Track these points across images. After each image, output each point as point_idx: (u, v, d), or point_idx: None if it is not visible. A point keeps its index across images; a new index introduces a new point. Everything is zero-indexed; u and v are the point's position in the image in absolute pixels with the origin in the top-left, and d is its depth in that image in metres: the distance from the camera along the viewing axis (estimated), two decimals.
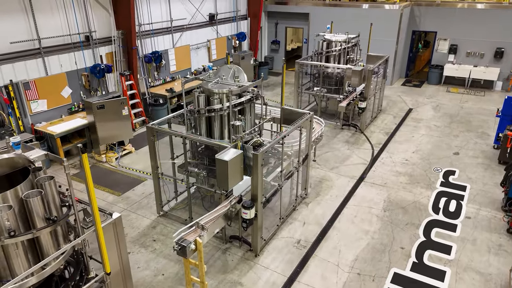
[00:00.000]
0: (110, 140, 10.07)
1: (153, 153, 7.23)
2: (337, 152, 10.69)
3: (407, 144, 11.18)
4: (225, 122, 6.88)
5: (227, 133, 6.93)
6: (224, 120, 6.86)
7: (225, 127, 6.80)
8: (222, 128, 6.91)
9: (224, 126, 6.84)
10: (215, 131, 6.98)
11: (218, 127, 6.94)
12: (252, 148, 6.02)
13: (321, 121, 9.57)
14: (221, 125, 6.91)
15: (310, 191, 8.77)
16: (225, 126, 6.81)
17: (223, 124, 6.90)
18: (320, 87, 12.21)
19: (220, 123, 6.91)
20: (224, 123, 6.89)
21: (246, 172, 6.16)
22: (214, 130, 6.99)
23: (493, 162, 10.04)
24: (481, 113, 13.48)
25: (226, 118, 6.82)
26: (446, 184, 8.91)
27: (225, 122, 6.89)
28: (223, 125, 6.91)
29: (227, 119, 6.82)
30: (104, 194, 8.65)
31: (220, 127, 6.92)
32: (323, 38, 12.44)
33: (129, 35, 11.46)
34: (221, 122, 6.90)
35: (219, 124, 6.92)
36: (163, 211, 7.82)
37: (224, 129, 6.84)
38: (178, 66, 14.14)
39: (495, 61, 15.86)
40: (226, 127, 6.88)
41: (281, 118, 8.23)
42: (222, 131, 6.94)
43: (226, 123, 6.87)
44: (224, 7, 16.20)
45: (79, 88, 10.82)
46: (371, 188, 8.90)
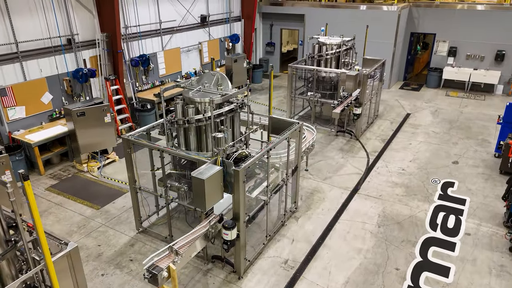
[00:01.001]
0: (92, 148, 9.58)
1: (130, 166, 6.75)
2: (331, 160, 10.20)
3: (404, 152, 10.69)
4: (208, 133, 6.41)
5: (209, 145, 6.46)
6: (207, 131, 6.38)
7: (208, 138, 6.32)
8: (205, 139, 6.43)
9: (207, 137, 6.36)
10: (197, 143, 6.50)
11: (200, 139, 6.46)
12: (233, 164, 5.53)
13: (313, 130, 9.09)
14: (203, 137, 6.43)
15: (300, 204, 8.29)
16: (208, 137, 6.33)
17: (206, 136, 6.43)
18: (314, 92, 11.73)
19: (202, 135, 6.44)
20: (207, 134, 6.41)
21: (227, 189, 5.68)
22: (195, 142, 6.52)
23: (494, 172, 9.56)
24: (481, 119, 13.00)
25: (209, 129, 6.34)
26: (444, 197, 8.42)
27: (207, 133, 6.41)
28: (205, 136, 6.43)
29: (210, 130, 6.34)
30: (83, 207, 8.15)
31: (202, 139, 6.45)
32: (317, 41, 11.96)
33: (114, 37, 10.97)
34: (203, 133, 6.42)
35: (201, 136, 6.44)
36: (143, 227, 7.33)
37: (207, 141, 6.36)
38: (167, 70, 13.65)
39: (495, 64, 15.38)
40: (209, 139, 6.40)
41: (269, 128, 7.75)
42: (204, 143, 6.46)
43: (209, 135, 6.39)
44: (217, 8, 15.71)
45: (61, 93, 10.33)
46: (365, 201, 8.41)
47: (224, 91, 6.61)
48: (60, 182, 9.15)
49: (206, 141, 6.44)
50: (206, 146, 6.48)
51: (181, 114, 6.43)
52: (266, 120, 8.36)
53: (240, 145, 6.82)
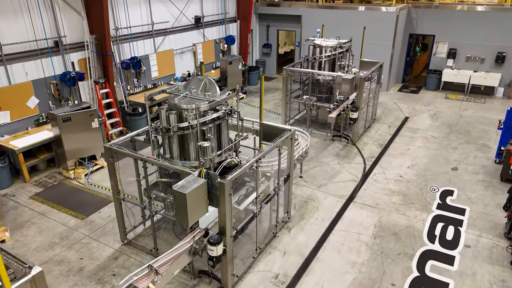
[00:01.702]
0: (79, 154, 9.27)
1: (113, 176, 6.43)
2: (326, 167, 9.89)
3: (402, 157, 10.38)
4: (195, 141, 6.10)
5: (196, 154, 6.15)
6: (193, 140, 6.07)
7: (194, 147, 6.01)
8: (191, 148, 6.12)
9: (193, 146, 6.05)
10: (183, 152, 6.20)
11: (186, 148, 6.16)
12: (218, 176, 5.22)
13: (307, 135, 8.77)
14: (190, 145, 6.12)
15: (294, 213, 7.97)
16: (194, 146, 6.02)
17: (193, 144, 6.12)
18: (309, 96, 11.42)
19: (188, 143, 6.13)
20: (194, 142, 6.10)
21: (212, 202, 5.37)
22: (181, 151, 6.21)
23: (494, 179, 9.24)
24: (481, 122, 12.68)
25: (195, 137, 6.03)
26: (443, 207, 8.10)
27: (194, 141, 6.10)
28: (192, 145, 6.12)
29: (196, 138, 6.03)
30: (67, 217, 7.84)
31: (188, 148, 6.14)
32: (313, 43, 11.64)
33: (103, 40, 10.66)
34: (190, 141, 6.11)
35: (188, 144, 6.13)
36: (127, 239, 7.01)
37: (193, 149, 6.05)
38: (160, 72, 13.33)
39: (496, 66, 15.06)
40: (195, 148, 6.09)
41: (261, 135, 7.43)
42: (191, 152, 6.15)
43: (195, 143, 6.08)
44: (212, 9, 15.39)
45: (48, 97, 10.01)
46: (361, 210, 8.10)
47: (212, 97, 6.31)
48: (45, 189, 8.83)
49: (193, 150, 6.13)
50: (192, 155, 6.17)
51: (166, 122, 6.14)
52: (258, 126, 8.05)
53: (229, 153, 6.51)
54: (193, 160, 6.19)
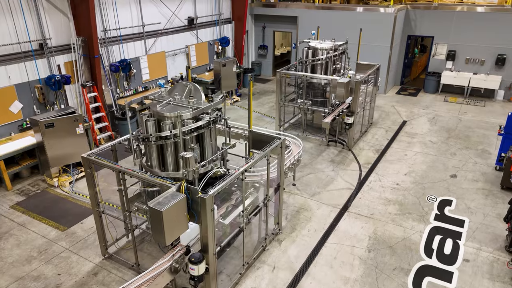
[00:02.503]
0: (63, 161, 8.92)
1: (92, 188, 6.09)
2: (321, 174, 9.54)
3: (399, 164, 10.03)
4: (176, 151, 5.76)
5: (178, 165, 5.81)
6: (179, 149, 5.73)
7: (172, 158, 5.68)
8: (171, 159, 5.78)
9: (176, 156, 5.72)
10: (167, 162, 5.86)
11: (169, 158, 5.82)
12: (198, 191, 4.87)
13: (299, 142, 8.42)
14: (173, 155, 5.79)
15: (285, 224, 7.63)
16: (173, 156, 5.69)
17: (175, 154, 5.78)
18: (304, 99, 11.07)
19: (171, 153, 5.79)
20: (178, 152, 5.76)
21: (193, 218, 5.02)
22: (165, 161, 5.87)
23: (494, 186, 8.90)
24: (481, 127, 12.34)
25: (178, 147, 5.69)
26: (441, 218, 7.75)
27: (175, 151, 5.77)
28: (174, 155, 5.78)
29: (179, 148, 5.70)
30: (47, 228, 7.49)
31: (171, 158, 5.80)
32: (308, 45, 11.30)
33: (90, 42, 10.31)
34: (172, 151, 5.78)
35: (171, 154, 5.79)
36: (109, 253, 6.66)
37: (172, 160, 5.71)
38: (152, 75, 12.99)
39: (496, 69, 14.73)
40: (178, 158, 5.75)
41: (249, 143, 7.09)
42: (175, 162, 5.81)
43: (179, 152, 5.74)
44: (205, 10, 15.05)
45: (32, 102, 9.67)
46: (356, 221, 7.75)
47: (197, 104, 5.97)
48: (27, 198, 8.48)
49: (174, 160, 5.79)
50: (175, 166, 5.83)
51: (148, 130, 5.80)
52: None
53: (215, 163, 6.17)
54: (177, 171, 5.86)
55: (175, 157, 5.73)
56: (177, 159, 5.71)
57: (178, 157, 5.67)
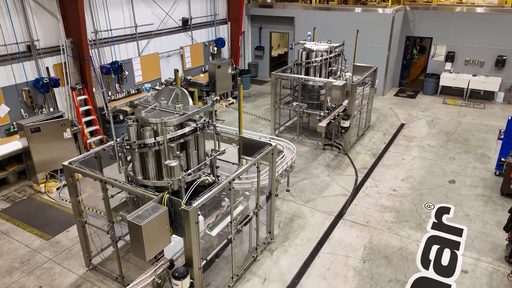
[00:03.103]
0: (50, 167, 8.67)
1: (74, 197, 5.84)
2: (316, 179, 9.29)
3: (396, 169, 9.78)
4: (164, 159, 5.51)
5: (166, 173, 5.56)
6: (164, 157, 5.48)
7: (154, 166, 5.43)
8: (160, 167, 5.54)
9: (154, 164, 5.48)
10: (151, 171, 5.60)
11: (155, 166, 5.57)
12: (181, 203, 4.62)
13: (293, 147, 8.17)
14: (158, 163, 5.54)
15: (278, 232, 7.38)
16: (154, 165, 5.45)
17: (162, 162, 5.53)
18: (299, 102, 10.82)
19: (157, 161, 5.55)
20: (163, 160, 5.51)
21: (176, 231, 4.78)
22: (150, 170, 5.62)
23: (494, 193, 8.65)
24: (480, 130, 12.09)
25: (166, 154, 5.44)
26: (439, 227, 7.50)
27: (164, 159, 5.51)
28: (161, 162, 5.54)
29: (167, 155, 5.45)
30: (31, 237, 7.24)
31: (155, 166, 5.55)
32: (303, 47, 11.05)
33: (80, 43, 10.06)
34: (159, 159, 5.53)
35: (157, 162, 5.55)
36: (93, 264, 6.41)
37: (154, 168, 5.47)
38: (145, 77, 12.74)
39: (496, 70, 14.47)
40: (162, 166, 5.51)
41: (240, 149, 6.84)
42: (160, 171, 5.56)
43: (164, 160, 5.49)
44: (200, 10, 14.80)
45: (20, 105, 9.42)
46: (351, 229, 7.50)
47: (184, 109, 5.72)
48: (13, 205, 8.23)
49: (161, 169, 5.54)
50: (162, 174, 5.57)
51: (132, 137, 5.56)
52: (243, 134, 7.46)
53: (203, 171, 5.92)
54: (163, 180, 5.61)
55: (161, 165, 5.48)
56: (162, 167, 5.47)
57: (163, 166, 5.42)
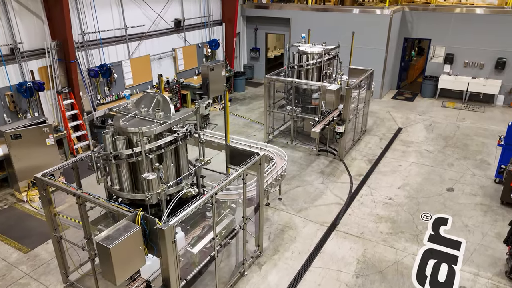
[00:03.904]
0: (32, 175, 8.14)
1: (48, 210, 5.51)
2: (309, 187, 8.97)
3: (392, 176, 9.46)
4: (142, 171, 5.18)
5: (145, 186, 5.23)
6: (142, 169, 5.16)
7: (128, 179, 5.12)
8: (139, 179, 5.21)
9: (128, 177, 5.16)
10: (130, 183, 5.28)
11: (134, 178, 5.25)
12: (156, 221, 4.29)
13: (284, 155, 7.84)
14: (137, 175, 5.22)
15: (267, 245, 7.05)
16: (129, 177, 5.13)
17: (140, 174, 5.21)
18: (293, 107, 10.50)
19: (136, 173, 5.22)
20: (142, 172, 5.19)
21: (152, 251, 4.45)
22: (129, 182, 5.29)
23: (494, 201, 8.32)
24: (480, 134, 11.76)
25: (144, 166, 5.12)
26: (436, 239, 7.16)
27: (142, 171, 5.19)
28: (139, 174, 5.21)
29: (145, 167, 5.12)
30: (9, 250, 6.91)
31: (136, 178, 5.23)
32: (297, 50, 10.72)
33: (66, 46, 9.73)
34: (137, 171, 5.21)
35: (135, 174, 5.22)
36: (70, 281, 6.08)
37: (129, 181, 5.16)
38: (135, 80, 12.41)
39: (496, 73, 14.15)
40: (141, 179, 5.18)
41: (227, 158, 6.52)
42: (139, 184, 5.24)
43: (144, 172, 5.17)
44: (194, 11, 14.47)
45: (2, 110, 9.09)
46: (344, 241, 7.17)
47: (165, 117, 5.39)
48: None
49: (138, 181, 5.22)
50: (141, 187, 5.25)
51: (109, 147, 5.23)
52: (233, 142, 7.17)
53: (185, 183, 5.59)
54: (143, 193, 5.28)
55: (138, 177, 5.15)
56: (142, 179, 5.14)
57: (141, 179, 5.09)
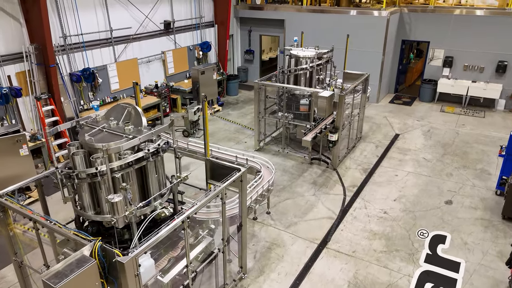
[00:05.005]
0: (4, 187, 7.83)
1: (7, 233, 5.04)
2: (300, 199, 8.49)
3: (388, 187, 8.98)
4: (110, 191, 4.71)
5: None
6: (110, 188, 4.68)
7: (91, 199, 4.66)
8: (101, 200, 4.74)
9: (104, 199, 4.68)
10: (96, 204, 4.81)
11: (97, 199, 4.78)
12: (115, 254, 3.81)
13: (271, 166, 7.36)
14: (103, 195, 4.74)
15: (252, 265, 6.57)
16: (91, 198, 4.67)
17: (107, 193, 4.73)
18: (284, 113, 10.02)
19: (99, 193, 4.75)
20: (110, 191, 4.71)
21: (113, 286, 3.97)
22: (94, 202, 4.82)
23: (495, 216, 7.85)
24: (480, 141, 11.28)
25: (111, 186, 4.64)
26: (433, 259, 6.68)
27: (109, 191, 4.71)
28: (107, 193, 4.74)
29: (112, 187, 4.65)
30: None
31: (99, 199, 4.76)
32: (289, 54, 10.24)
33: (45, 49, 9.25)
34: (105, 190, 4.73)
35: (98, 194, 4.75)
36: None
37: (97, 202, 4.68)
38: (122, 84, 11.93)
39: (497, 76, 13.67)
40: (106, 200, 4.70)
41: (207, 173, 6.05)
42: (103, 205, 4.77)
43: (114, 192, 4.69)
44: (184, 13, 13.99)
45: None
46: (335, 260, 6.69)
47: (135, 131, 4.92)
48: None
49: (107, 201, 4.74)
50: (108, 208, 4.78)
51: (78, 165, 4.76)
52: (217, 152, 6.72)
53: (159, 203, 5.10)
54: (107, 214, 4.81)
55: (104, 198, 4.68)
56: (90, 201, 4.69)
57: (104, 200, 4.62)
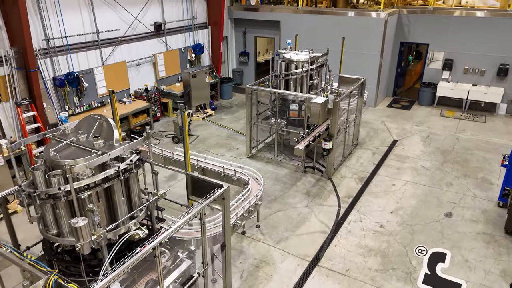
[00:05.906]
0: None
1: None
2: (292, 211, 8.06)
3: (385, 197, 8.55)
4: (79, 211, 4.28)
5: None
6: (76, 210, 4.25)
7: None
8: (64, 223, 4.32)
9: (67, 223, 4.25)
10: (62, 226, 4.39)
11: (65, 221, 4.35)
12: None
13: (260, 178, 6.92)
14: (68, 218, 4.32)
15: (239, 285, 6.15)
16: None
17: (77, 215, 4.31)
18: (276, 120, 9.59)
19: (69, 213, 4.33)
20: (76, 213, 4.28)
21: None
22: (60, 224, 4.40)
23: (497, 230, 7.42)
24: (481, 148, 10.85)
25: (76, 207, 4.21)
26: (432, 280, 6.25)
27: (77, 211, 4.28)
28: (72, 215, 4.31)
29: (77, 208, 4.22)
30: None
31: (66, 221, 4.33)
32: (282, 57, 9.81)
33: (25, 53, 8.83)
34: (69, 212, 4.31)
35: (67, 216, 4.33)
36: None
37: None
38: (110, 88, 11.46)
39: (498, 80, 13.24)
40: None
41: (188, 189, 5.62)
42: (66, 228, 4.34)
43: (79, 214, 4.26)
44: (176, 14, 13.56)
45: None
46: (327, 280, 6.27)
47: (105, 146, 4.49)
48: None
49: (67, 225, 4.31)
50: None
51: (40, 184, 4.33)
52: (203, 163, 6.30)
53: (133, 224, 4.67)
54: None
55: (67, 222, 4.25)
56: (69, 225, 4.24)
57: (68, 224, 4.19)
